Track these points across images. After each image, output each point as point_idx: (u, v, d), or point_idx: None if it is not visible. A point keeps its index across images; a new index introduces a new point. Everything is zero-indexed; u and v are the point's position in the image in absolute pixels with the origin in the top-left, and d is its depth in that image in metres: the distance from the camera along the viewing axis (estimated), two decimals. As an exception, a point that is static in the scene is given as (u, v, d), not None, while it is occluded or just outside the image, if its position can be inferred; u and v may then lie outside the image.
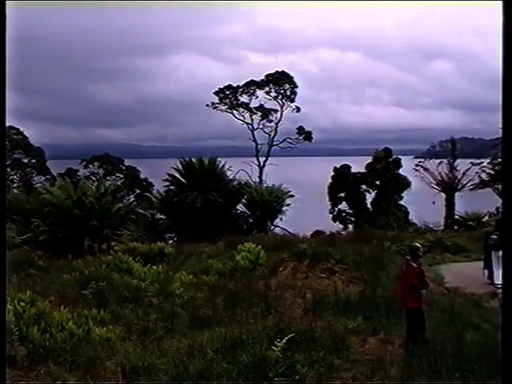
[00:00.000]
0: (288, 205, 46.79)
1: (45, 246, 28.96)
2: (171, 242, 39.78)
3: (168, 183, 44.56)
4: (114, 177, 69.22)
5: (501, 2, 4.44)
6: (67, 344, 11.16)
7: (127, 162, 72.42)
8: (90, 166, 70.92)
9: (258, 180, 59.93)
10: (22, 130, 69.12)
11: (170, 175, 44.32)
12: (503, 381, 4.69)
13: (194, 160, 44.40)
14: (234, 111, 66.01)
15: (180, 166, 44.05)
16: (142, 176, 70.11)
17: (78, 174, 66.67)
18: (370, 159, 53.77)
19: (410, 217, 51.46)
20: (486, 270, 21.17)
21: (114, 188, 41.34)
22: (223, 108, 66.16)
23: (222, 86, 65.90)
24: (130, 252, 24.73)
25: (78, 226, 30.58)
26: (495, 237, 20.89)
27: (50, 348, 10.91)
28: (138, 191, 67.04)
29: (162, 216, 44.71)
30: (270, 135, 65.59)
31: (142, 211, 49.11)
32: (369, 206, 52.98)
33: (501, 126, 4.31)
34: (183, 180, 43.93)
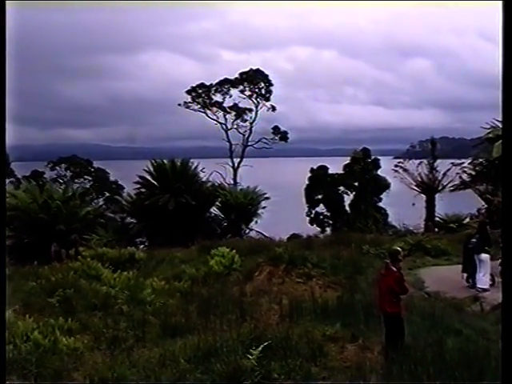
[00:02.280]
0: (263, 207, 46.87)
1: (9, 252, 28.59)
2: (142, 246, 39.54)
3: (139, 186, 44.36)
4: (82, 179, 68.57)
5: (500, 3, 4.47)
6: (32, 355, 11.02)
7: (96, 164, 71.85)
8: (57, 168, 70.15)
9: (232, 182, 59.83)
10: (-17, 130, 68.07)
11: (140, 177, 44.12)
12: (503, 381, 4.86)
13: (165, 161, 44.26)
14: (207, 111, 65.69)
15: (151, 168, 43.89)
16: (112, 178, 69.61)
17: (45, 176, 65.81)
18: (347, 160, 53.93)
19: (390, 219, 51.73)
20: (464, 274, 21.35)
21: (82, 191, 40.94)
22: (196, 107, 65.81)
23: (194, 85, 65.60)
24: (99, 258, 24.53)
25: (44, 231, 30.26)
26: (475, 240, 21.04)
27: (14, 360, 10.74)
28: (108, 194, 66.48)
29: (132, 220, 44.47)
30: (244, 135, 65.40)
31: (111, 215, 48.80)
32: (347, 208, 53.14)
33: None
34: (154, 182, 43.76)
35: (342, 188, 53.97)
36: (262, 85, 64.95)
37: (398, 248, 13.45)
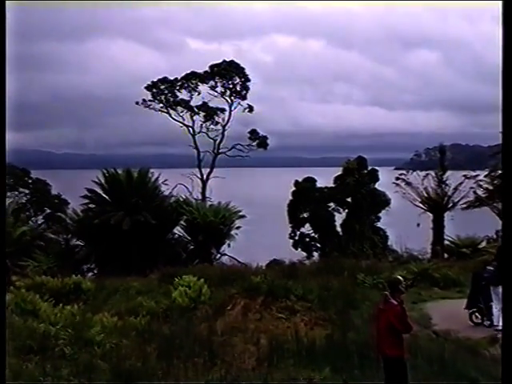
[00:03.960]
0: (238, 227, 46.76)
1: None
2: (90, 274, 39.29)
3: (87, 201, 44.10)
4: (17, 192, 68.04)
5: (500, 2, 4.60)
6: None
7: (35, 174, 71.27)
8: (-13, 178, 69.61)
9: (200, 197, 59.70)
10: None
11: (89, 190, 43.88)
12: (503, 381, 5.29)
13: (119, 171, 44.08)
14: (171, 111, 65.70)
15: (102, 179, 43.69)
16: (54, 191, 69.08)
17: (-29, 188, 65.32)
18: (339, 171, 54.11)
19: (390, 242, 51.86)
20: (474, 311, 21.34)
21: (17, 207, 40.69)
22: (157, 106, 65.76)
23: (155, 80, 65.54)
24: (37, 288, 24.31)
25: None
26: (492, 268, 20.97)
27: None
28: (49, 211, 65.98)
29: (78, 242, 44.17)
30: (215, 141, 65.37)
31: (53, 236, 48.40)
32: (338, 228, 53.24)
33: (501, 129, 4.34)
34: (106, 197, 43.56)
35: (332, 204, 54.06)
36: (237, 80, 65.10)
37: (400, 277, 13.46)
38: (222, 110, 65.39)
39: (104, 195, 43.61)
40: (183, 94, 65.55)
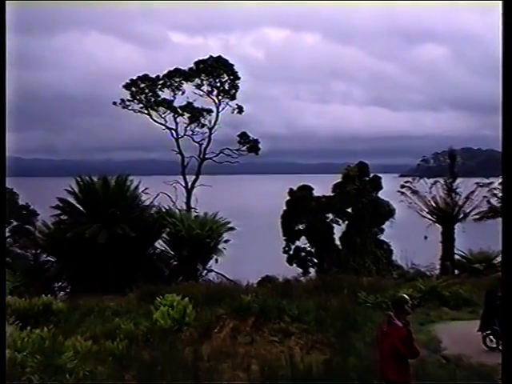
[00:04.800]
0: (226, 241, 46.76)
1: None
2: (62, 294, 39.17)
3: (58, 211, 43.99)
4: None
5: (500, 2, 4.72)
6: None
7: None
8: None
9: (184, 207, 59.67)
10: None
11: (61, 200, 43.79)
12: (503, 381, 5.44)
13: (95, 179, 44.02)
14: (152, 112, 65.74)
15: (76, 188, 43.63)
16: (22, 201, 69.00)
17: None
18: (338, 178, 54.17)
19: (394, 257, 51.95)
20: (488, 333, 21.30)
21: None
22: (137, 107, 65.82)
23: (134, 77, 65.63)
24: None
25: None
26: None
27: None
28: (15, 223, 65.90)
29: (49, 258, 44.04)
30: (201, 145, 65.47)
31: (20, 251, 48.30)
32: (337, 242, 53.28)
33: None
34: (80, 207, 43.49)
35: (330, 215, 54.12)
36: (225, 78, 65.24)
37: (406, 296, 13.44)
38: (209, 111, 65.52)
39: (78, 205, 43.54)
40: (165, 94, 65.70)
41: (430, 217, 46.25)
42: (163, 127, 65.55)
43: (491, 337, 21.16)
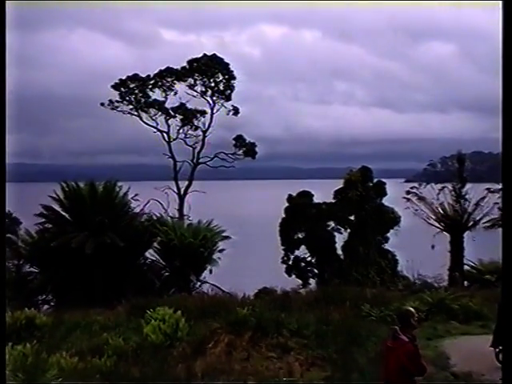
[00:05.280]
0: (221, 250, 46.68)
1: None
2: (46, 307, 39.11)
3: (42, 219, 43.91)
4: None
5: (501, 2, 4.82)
6: None
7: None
8: None
9: (176, 214, 59.68)
10: None
11: (45, 207, 43.69)
12: (503, 381, 6.09)
13: (81, 184, 43.96)
14: (143, 113, 65.78)
15: (61, 194, 43.54)
16: (4, 209, 69.12)
17: None
18: (340, 183, 54.13)
19: (399, 267, 51.86)
20: (501, 349, 21.20)
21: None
22: (126, 108, 65.86)
23: (124, 77, 65.66)
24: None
25: None
26: None
27: None
28: (-3, 231, 65.96)
29: (32, 269, 43.96)
30: (194, 148, 65.55)
31: (2, 261, 48.17)
32: (339, 251, 53.24)
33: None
34: (65, 215, 43.42)
35: (331, 223, 54.10)
36: (220, 77, 65.32)
37: (412, 309, 13.43)
38: (203, 113, 65.60)
39: (63, 213, 43.45)
40: (157, 94, 65.79)
41: (437, 224, 46.19)
42: (154, 130, 65.70)
43: None
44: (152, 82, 65.49)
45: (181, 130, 65.52)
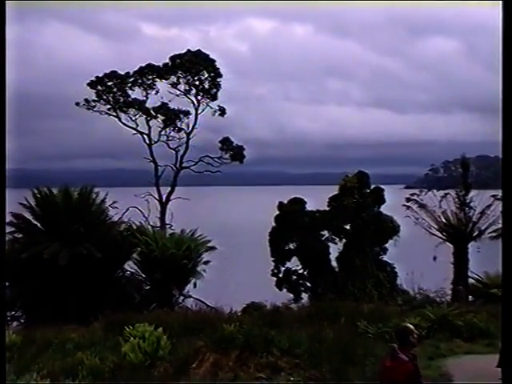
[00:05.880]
0: (206, 262, 46.66)
1: None
2: (16, 324, 38.99)
3: (12, 229, 43.80)
4: None
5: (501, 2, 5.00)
6: None
7: None
8: None
9: (158, 223, 59.63)
10: None
11: (15, 216, 43.58)
12: (503, 381, 6.66)
13: (55, 191, 43.87)
14: (121, 113, 65.67)
15: (32, 201, 43.43)
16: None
17: None
18: (335, 190, 54.18)
19: (399, 281, 51.92)
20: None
21: None
22: (104, 108, 65.76)
23: (101, 74, 65.57)
24: None
25: None
26: None
27: None
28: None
29: (1, 282, 43.85)
30: (177, 152, 65.48)
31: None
32: (334, 263, 53.27)
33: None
34: (37, 223, 43.32)
35: (326, 233, 54.12)
36: (205, 75, 65.27)
37: (411, 326, 13.44)
38: (186, 113, 65.56)
39: (35, 222, 43.35)
40: (137, 93, 65.70)
41: (439, 234, 46.22)
42: (134, 131, 65.50)
43: None
44: (131, 79, 65.42)
45: (163, 132, 65.47)
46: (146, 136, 65.15)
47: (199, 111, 65.24)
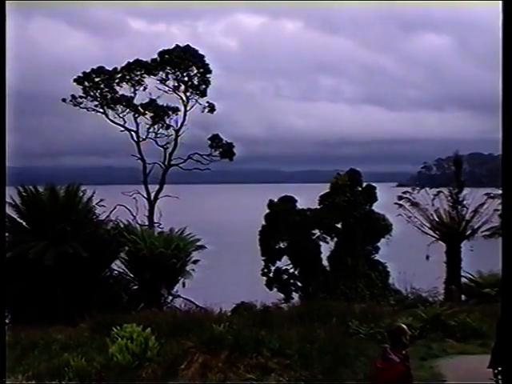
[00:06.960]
0: (195, 261, 46.61)
1: None
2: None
3: (-3, 227, 43.71)
4: None
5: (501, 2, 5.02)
6: None
7: None
8: None
9: (146, 221, 59.50)
10: None
11: None
12: (503, 381, 7.69)
13: (40, 189, 43.74)
14: (109, 110, 65.48)
15: (17, 199, 43.30)
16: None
17: None
18: (326, 188, 54.16)
19: (391, 280, 51.95)
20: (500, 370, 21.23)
21: None
22: (90, 105, 65.55)
23: (88, 70, 65.33)
24: None
25: None
26: None
27: None
28: None
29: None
30: (166, 149, 65.31)
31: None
32: (325, 262, 53.25)
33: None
34: (22, 222, 43.20)
35: (317, 232, 54.09)
36: (194, 71, 65.10)
37: (404, 326, 13.46)
38: (175, 110, 65.35)
39: (20, 220, 43.22)
40: (124, 89, 65.43)
41: (432, 233, 46.27)
42: (121, 128, 65.29)
43: None
44: (119, 75, 65.16)
45: (151, 129, 65.24)
46: (133, 133, 64.93)
47: (188, 108, 65.02)
